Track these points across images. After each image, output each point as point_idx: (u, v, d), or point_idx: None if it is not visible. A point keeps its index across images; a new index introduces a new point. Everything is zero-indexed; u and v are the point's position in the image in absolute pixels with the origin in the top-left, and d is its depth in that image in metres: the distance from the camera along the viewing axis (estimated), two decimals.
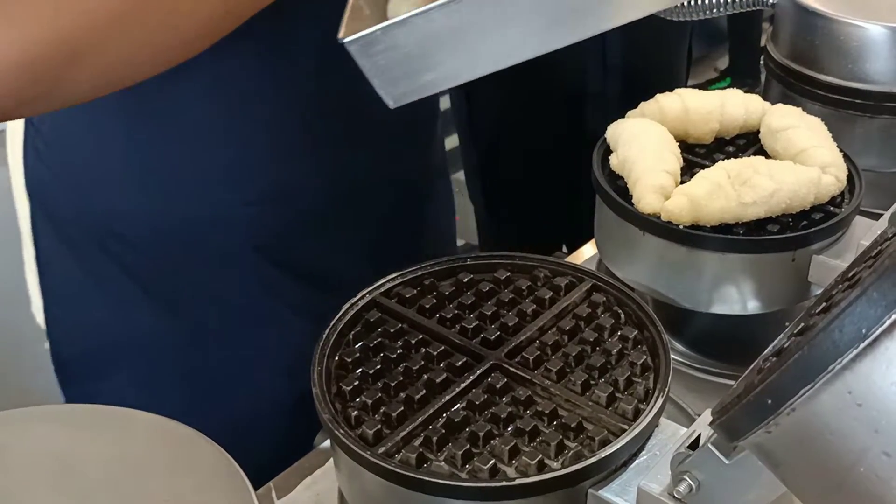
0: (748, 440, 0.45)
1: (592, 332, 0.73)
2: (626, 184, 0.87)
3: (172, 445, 0.60)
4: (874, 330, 0.38)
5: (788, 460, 0.45)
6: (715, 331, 0.96)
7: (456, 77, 0.71)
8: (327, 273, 0.98)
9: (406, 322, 0.74)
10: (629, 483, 0.62)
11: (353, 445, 0.63)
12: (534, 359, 0.70)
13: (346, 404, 0.67)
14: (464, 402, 0.66)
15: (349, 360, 0.70)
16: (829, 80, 1.02)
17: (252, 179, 0.91)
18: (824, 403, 0.40)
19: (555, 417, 0.66)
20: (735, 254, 0.83)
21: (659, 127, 0.90)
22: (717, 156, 0.92)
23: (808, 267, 0.84)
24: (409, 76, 0.68)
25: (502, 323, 0.73)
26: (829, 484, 0.43)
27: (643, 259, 0.87)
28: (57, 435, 0.61)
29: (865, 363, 0.38)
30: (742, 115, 0.94)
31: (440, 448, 0.64)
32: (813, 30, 1.03)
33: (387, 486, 0.62)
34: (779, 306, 0.87)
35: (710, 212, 0.81)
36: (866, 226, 0.87)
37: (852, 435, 0.40)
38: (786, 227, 0.83)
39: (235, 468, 0.59)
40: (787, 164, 0.85)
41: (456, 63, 0.69)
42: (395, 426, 0.65)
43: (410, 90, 0.69)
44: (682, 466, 0.54)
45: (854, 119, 1.02)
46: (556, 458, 0.63)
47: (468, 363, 0.70)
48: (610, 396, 0.67)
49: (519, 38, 0.68)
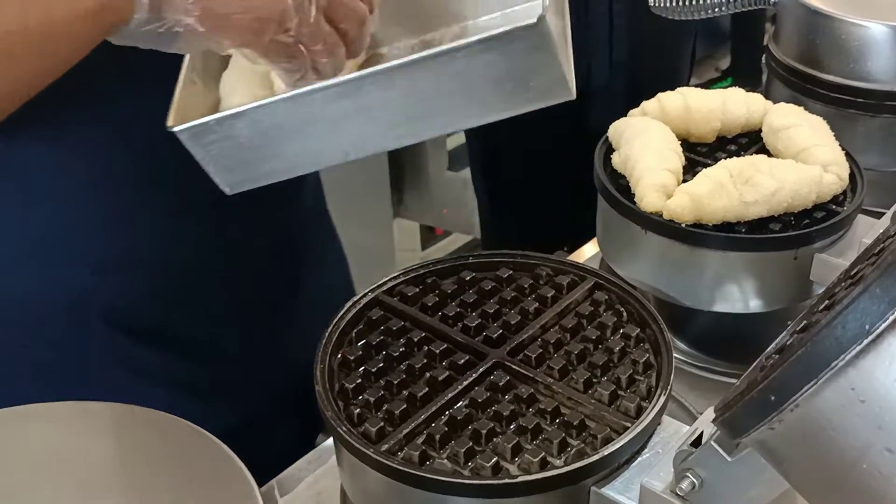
0: (751, 437, 0.45)
1: (595, 330, 0.73)
2: (629, 182, 0.87)
3: (176, 442, 0.60)
4: (877, 326, 0.38)
5: (791, 457, 0.45)
6: (717, 329, 0.96)
7: (295, 168, 0.70)
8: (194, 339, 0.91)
9: (408, 320, 0.74)
10: (632, 481, 0.62)
11: (356, 443, 0.63)
12: (536, 357, 0.70)
13: (348, 402, 0.67)
14: (466, 400, 0.66)
15: (352, 357, 0.70)
16: (831, 78, 1.02)
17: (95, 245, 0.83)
18: (827, 400, 0.40)
19: (557, 415, 0.66)
20: (737, 252, 0.83)
21: (661, 125, 0.90)
22: (719, 154, 0.92)
23: (810, 265, 0.84)
24: (246, 165, 0.68)
25: (504, 321, 0.73)
26: (831, 480, 0.43)
27: (645, 257, 0.87)
28: (58, 432, 0.61)
29: (869, 359, 0.39)
30: (744, 114, 0.94)
31: (443, 446, 0.64)
32: (815, 29, 1.03)
33: (389, 483, 0.62)
34: (781, 305, 0.87)
35: (713, 210, 0.81)
36: (868, 224, 0.87)
37: (855, 431, 0.40)
38: (788, 225, 0.83)
39: (239, 466, 0.59)
40: (789, 162, 0.85)
41: (296, 155, 0.68)
42: (397, 424, 0.65)
43: (247, 179, 0.69)
44: (685, 464, 0.54)
45: (856, 118, 1.02)
46: (558, 456, 0.63)
47: (470, 361, 0.70)
48: (612, 394, 0.67)
49: (360, 135, 0.67)
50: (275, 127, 0.65)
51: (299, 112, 0.65)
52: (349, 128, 0.67)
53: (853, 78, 1.01)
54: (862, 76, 1.01)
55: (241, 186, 0.69)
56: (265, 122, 0.65)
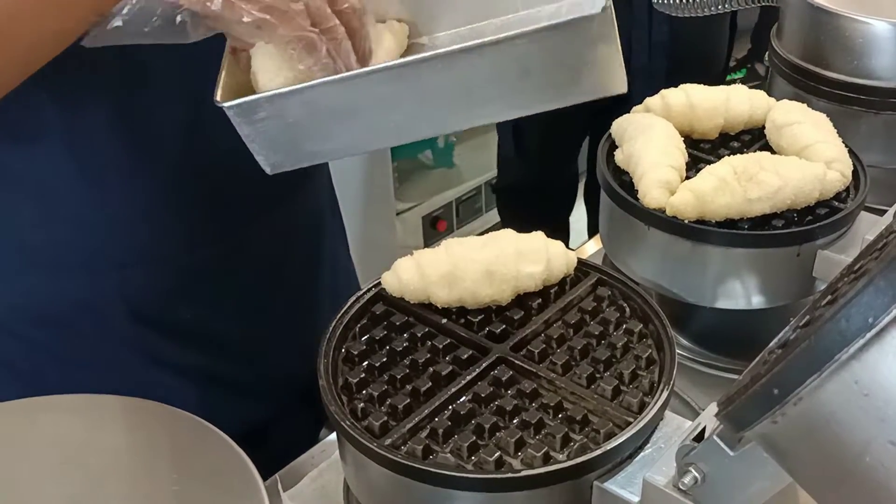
0: (754, 431, 0.45)
1: (598, 325, 0.73)
2: (632, 179, 0.87)
3: (181, 435, 0.61)
4: (881, 319, 0.38)
5: (794, 451, 0.45)
6: (719, 326, 0.96)
7: (341, 151, 0.69)
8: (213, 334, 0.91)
9: (412, 315, 0.74)
10: (634, 475, 0.62)
11: (360, 437, 0.63)
12: (539, 352, 0.70)
13: (352, 396, 0.68)
14: (469, 395, 0.67)
15: (355, 352, 0.71)
16: (835, 76, 1.02)
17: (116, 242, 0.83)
18: (831, 393, 0.40)
19: (560, 410, 0.66)
20: (740, 249, 0.83)
21: (664, 122, 0.90)
22: (722, 151, 0.92)
23: (812, 262, 0.84)
24: (292, 145, 0.67)
25: (508, 316, 0.73)
26: (834, 474, 0.43)
27: (648, 254, 0.87)
28: (65, 424, 0.62)
29: (872, 352, 0.39)
30: (747, 111, 0.94)
31: (446, 440, 0.64)
32: (818, 26, 1.03)
33: (393, 477, 0.63)
34: (783, 301, 0.87)
35: (716, 207, 0.81)
36: (871, 221, 0.87)
37: (858, 425, 0.40)
38: (791, 222, 0.83)
39: (244, 459, 0.59)
40: (793, 159, 0.85)
41: (344, 137, 0.67)
42: (401, 418, 0.65)
43: (291, 159, 0.68)
44: (688, 458, 0.55)
45: (859, 115, 1.02)
46: (561, 451, 0.63)
47: (474, 356, 0.70)
48: (615, 389, 0.67)
49: (411, 119, 0.67)
50: (327, 108, 0.65)
51: (353, 94, 0.65)
52: (400, 112, 0.66)
53: (857, 75, 1.01)
54: (865, 73, 1.01)
55: (282, 166, 0.68)
56: (317, 103, 0.64)
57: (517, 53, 0.64)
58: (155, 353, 0.88)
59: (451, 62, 0.64)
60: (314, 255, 1.00)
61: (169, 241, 0.85)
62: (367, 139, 0.69)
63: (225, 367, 0.92)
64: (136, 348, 0.87)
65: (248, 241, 0.90)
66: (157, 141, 0.80)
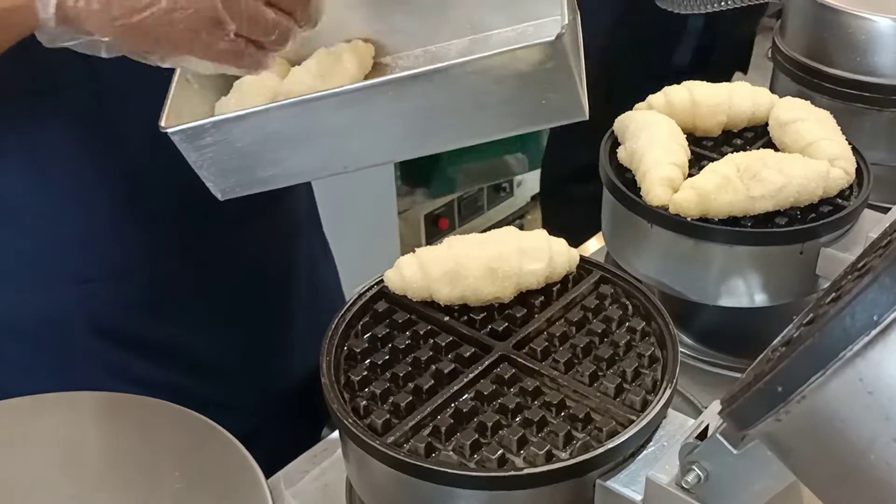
0: (758, 429, 0.45)
1: (600, 323, 0.73)
2: (634, 176, 0.87)
3: (186, 434, 0.60)
4: (886, 316, 0.38)
5: (798, 449, 0.45)
6: (722, 324, 0.96)
7: (293, 177, 0.67)
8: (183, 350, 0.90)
9: (414, 312, 0.74)
10: (637, 474, 0.62)
11: (362, 435, 0.63)
12: (542, 350, 0.70)
13: (354, 394, 0.67)
14: (472, 393, 0.66)
15: (357, 350, 0.70)
16: (838, 73, 1.02)
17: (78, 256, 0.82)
18: (835, 391, 0.40)
19: (563, 408, 0.66)
20: (743, 246, 0.83)
21: (667, 119, 0.90)
22: (725, 148, 0.92)
23: (816, 260, 0.84)
24: (242, 171, 0.65)
25: (510, 314, 0.73)
26: (839, 472, 0.43)
27: (651, 251, 0.87)
28: (68, 422, 0.61)
29: (877, 350, 0.38)
30: (750, 108, 0.94)
31: (448, 438, 0.64)
32: (821, 23, 1.03)
33: (395, 475, 0.62)
34: (786, 299, 0.87)
35: (719, 205, 0.81)
36: (874, 219, 0.87)
37: (863, 422, 0.40)
38: (794, 219, 0.83)
39: (247, 458, 0.59)
40: (796, 157, 0.85)
41: (296, 164, 0.65)
42: (403, 416, 0.65)
43: (241, 185, 0.66)
44: (691, 457, 0.54)
45: (862, 112, 1.02)
46: (564, 449, 0.63)
47: (476, 354, 0.70)
48: (618, 387, 0.67)
49: (364, 146, 0.65)
50: (276, 133, 0.63)
51: (302, 120, 0.63)
52: (353, 138, 0.64)
53: (860, 72, 1.01)
54: (869, 70, 1.00)
55: (233, 193, 0.66)
56: (266, 128, 0.63)
57: (471, 80, 0.63)
58: (122, 369, 0.87)
59: (403, 88, 0.63)
60: (290, 267, 0.98)
61: (134, 254, 0.84)
62: (320, 165, 0.67)
63: (198, 383, 0.90)
64: (103, 364, 0.86)
65: (217, 254, 0.88)
66: (121, 154, 0.79)
